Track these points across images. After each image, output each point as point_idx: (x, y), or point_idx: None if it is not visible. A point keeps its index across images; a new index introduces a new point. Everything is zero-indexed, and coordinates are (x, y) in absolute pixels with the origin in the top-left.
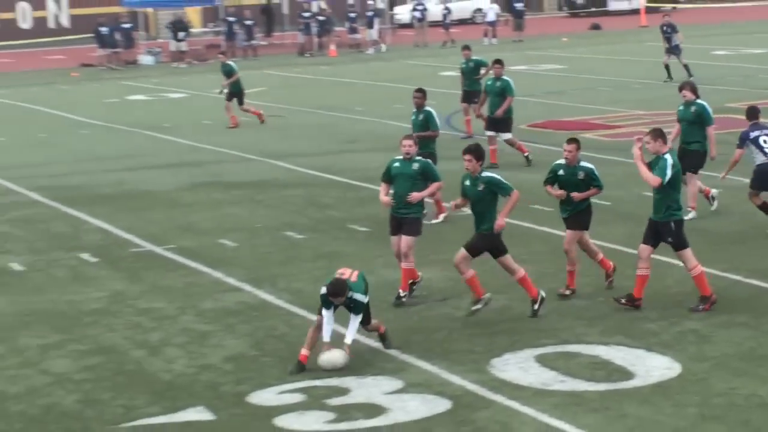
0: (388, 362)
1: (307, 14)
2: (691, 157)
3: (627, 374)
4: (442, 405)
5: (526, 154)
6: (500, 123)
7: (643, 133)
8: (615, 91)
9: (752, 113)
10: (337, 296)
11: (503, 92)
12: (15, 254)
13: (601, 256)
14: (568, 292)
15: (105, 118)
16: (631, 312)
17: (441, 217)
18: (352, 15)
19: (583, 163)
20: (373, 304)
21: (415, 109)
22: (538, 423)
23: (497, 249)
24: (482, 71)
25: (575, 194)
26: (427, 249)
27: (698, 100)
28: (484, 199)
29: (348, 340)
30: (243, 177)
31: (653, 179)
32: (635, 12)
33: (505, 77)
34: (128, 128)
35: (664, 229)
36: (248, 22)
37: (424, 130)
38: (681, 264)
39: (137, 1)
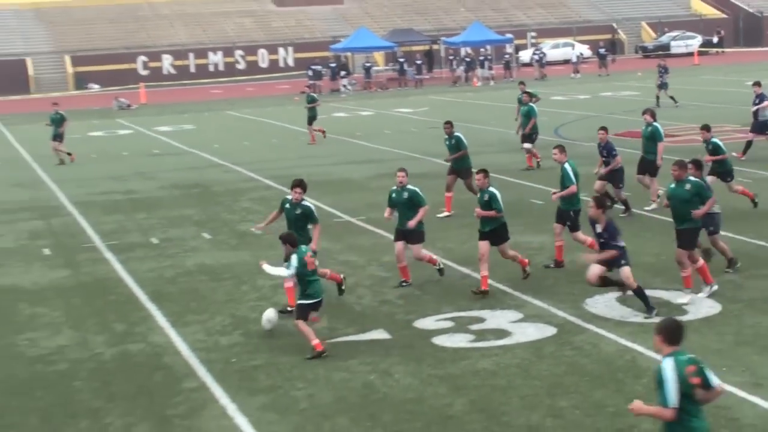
0: (512, 300)
1: (451, 56)
2: (648, 164)
3: (682, 311)
4: (550, 331)
5: (537, 160)
6: (527, 137)
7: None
8: (675, 110)
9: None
10: (285, 243)
11: (528, 114)
12: (254, 222)
13: (519, 257)
14: (480, 291)
15: None
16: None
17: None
18: (489, 57)
19: (490, 189)
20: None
21: (446, 136)
22: (618, 344)
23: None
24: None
25: (478, 210)
26: (545, 220)
27: (654, 123)
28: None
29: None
30: (411, 169)
31: (572, 189)
32: (691, 54)
33: (530, 103)
34: (333, 136)
35: (567, 215)
36: (418, 62)
37: (457, 151)
38: (730, 235)
39: (341, 48)
